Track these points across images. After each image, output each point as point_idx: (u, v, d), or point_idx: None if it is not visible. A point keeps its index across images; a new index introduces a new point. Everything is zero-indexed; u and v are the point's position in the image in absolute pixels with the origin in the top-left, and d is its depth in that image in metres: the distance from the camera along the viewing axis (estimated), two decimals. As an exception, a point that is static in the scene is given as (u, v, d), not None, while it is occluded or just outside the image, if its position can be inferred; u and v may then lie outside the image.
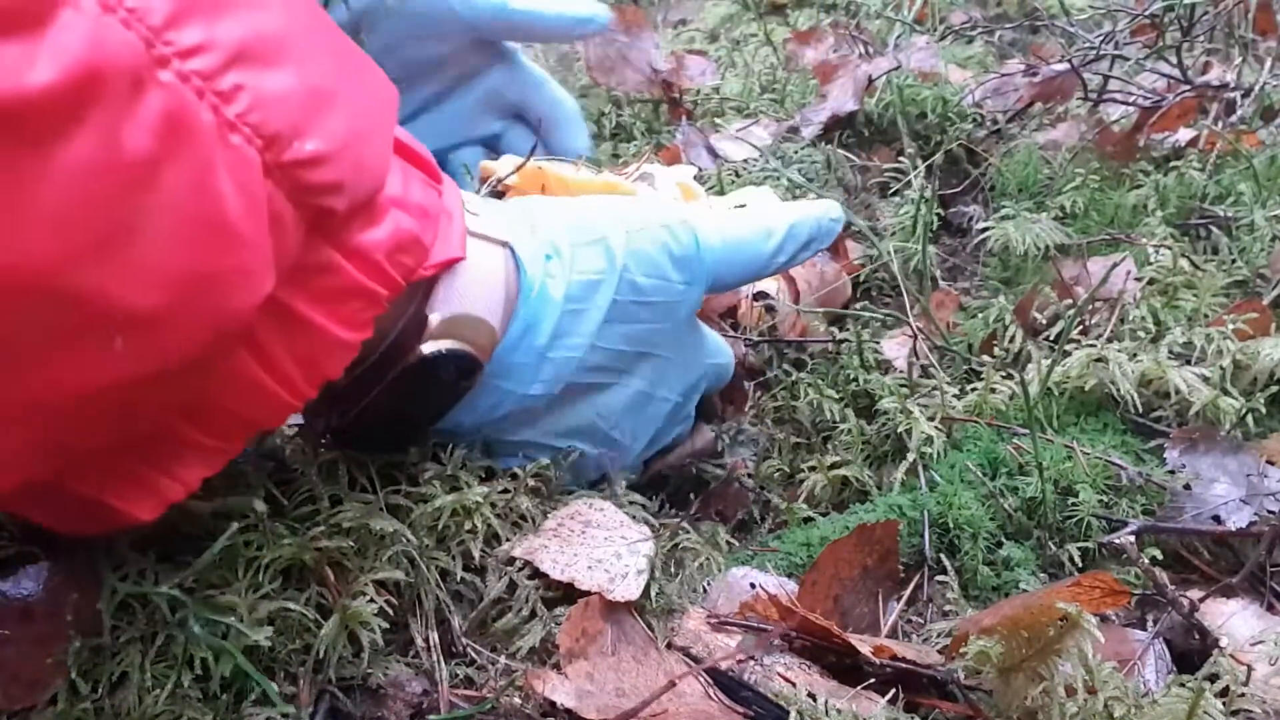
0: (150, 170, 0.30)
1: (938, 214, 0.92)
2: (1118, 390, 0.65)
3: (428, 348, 0.47)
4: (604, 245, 0.53)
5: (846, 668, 0.48)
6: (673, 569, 0.54)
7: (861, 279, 0.87)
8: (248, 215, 0.34)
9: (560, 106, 0.89)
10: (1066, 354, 0.68)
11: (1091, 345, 0.68)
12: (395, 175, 0.44)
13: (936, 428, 0.65)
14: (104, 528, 0.41)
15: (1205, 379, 0.66)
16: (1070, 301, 0.75)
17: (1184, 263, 0.78)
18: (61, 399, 0.32)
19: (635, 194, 0.74)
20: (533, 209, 0.55)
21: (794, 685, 0.46)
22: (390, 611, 0.46)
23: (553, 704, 0.43)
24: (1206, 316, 0.73)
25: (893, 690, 0.47)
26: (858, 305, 0.83)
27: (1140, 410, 0.65)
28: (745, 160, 0.95)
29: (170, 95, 0.31)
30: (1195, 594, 0.53)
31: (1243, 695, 0.46)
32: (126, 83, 0.30)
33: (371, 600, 0.45)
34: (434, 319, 0.47)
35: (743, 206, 0.76)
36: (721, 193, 0.86)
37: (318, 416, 0.50)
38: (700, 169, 0.91)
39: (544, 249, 0.52)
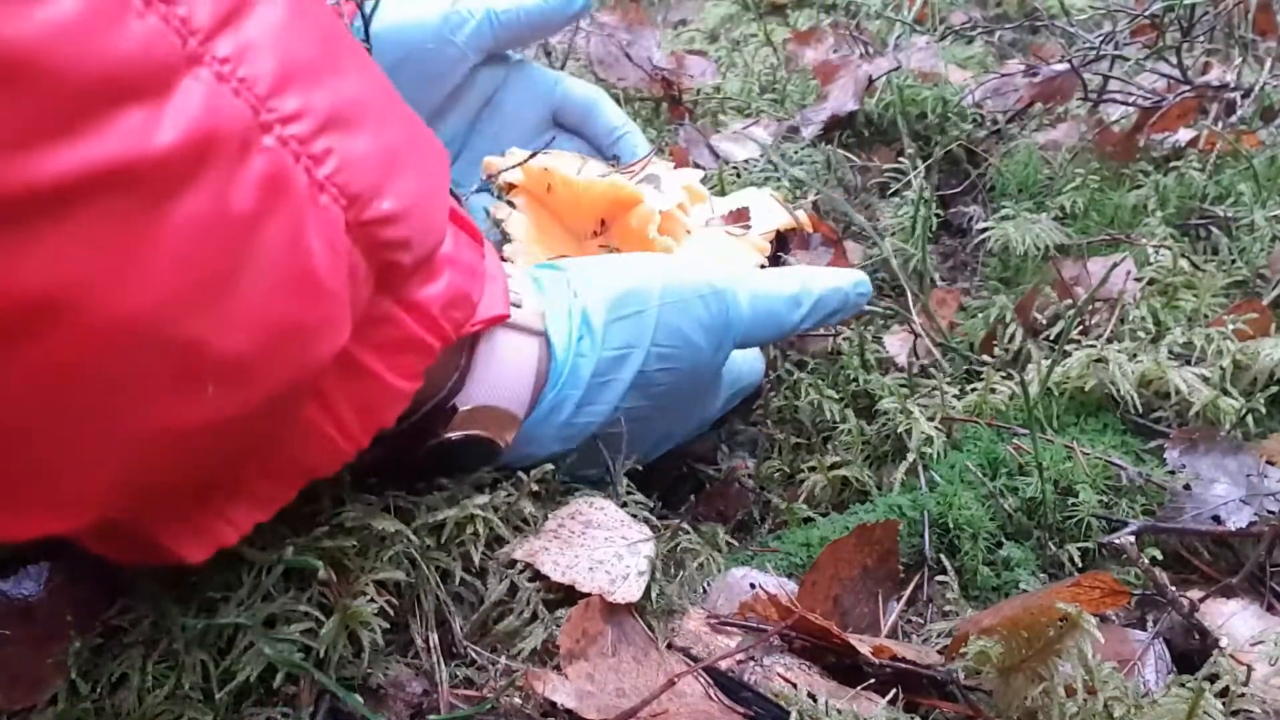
0: (252, 227, 0.33)
1: (937, 214, 0.92)
2: (1118, 390, 0.65)
3: (454, 434, 0.50)
4: (636, 321, 0.55)
5: (846, 668, 0.48)
6: (673, 569, 0.54)
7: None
8: (332, 269, 0.36)
9: (592, 103, 0.88)
10: (1067, 354, 0.68)
11: (1091, 345, 0.68)
12: (448, 234, 0.46)
13: (936, 428, 0.65)
14: (155, 562, 0.42)
15: (1205, 379, 0.66)
16: (1070, 302, 0.75)
17: (1184, 263, 0.78)
18: (152, 440, 0.34)
19: (639, 196, 0.74)
20: (575, 274, 0.57)
21: (794, 686, 0.46)
22: (390, 612, 0.46)
23: (553, 704, 0.43)
24: (1206, 317, 0.73)
25: (893, 690, 0.47)
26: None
27: (1140, 410, 0.65)
28: (746, 160, 0.95)
29: (272, 158, 0.33)
30: (1195, 594, 0.53)
31: (1243, 695, 0.46)
32: (235, 146, 0.32)
33: (372, 600, 0.45)
34: (461, 410, 0.50)
35: (744, 209, 0.76)
36: (723, 192, 0.87)
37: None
38: (705, 170, 0.91)
39: (578, 329, 0.54)
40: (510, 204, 0.76)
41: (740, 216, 0.77)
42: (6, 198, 0.27)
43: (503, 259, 0.71)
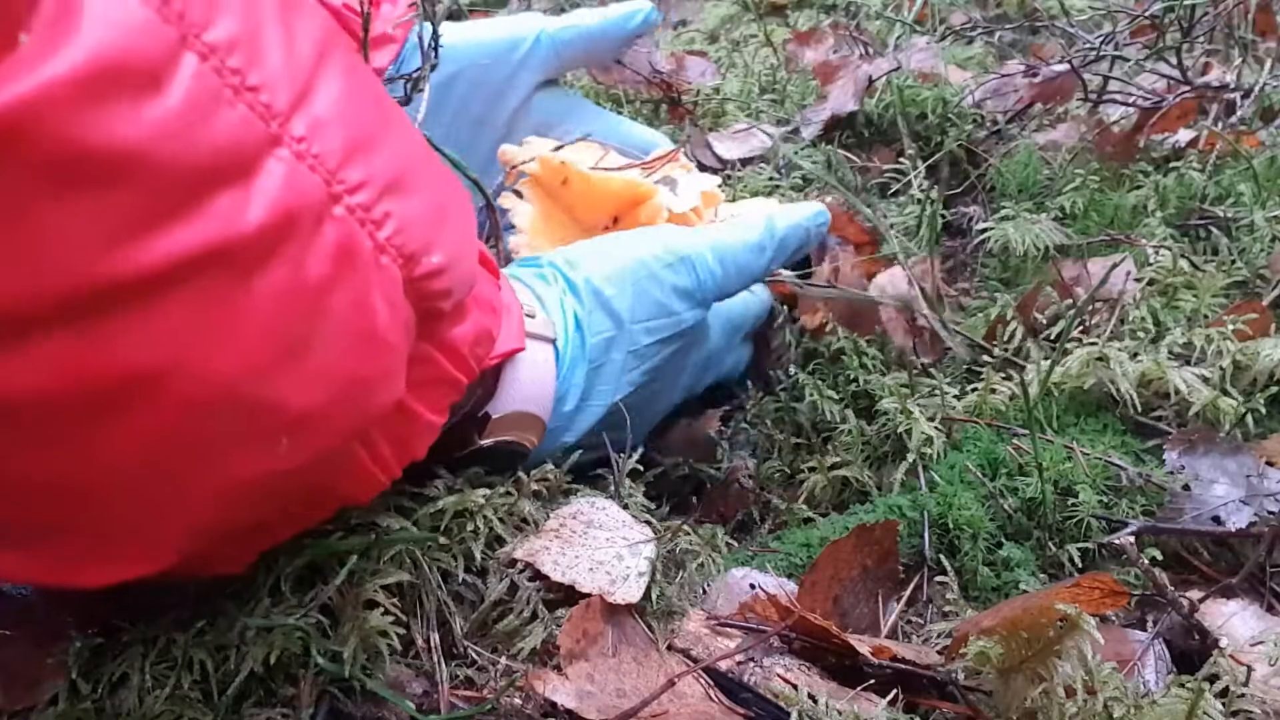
0: (325, 292, 0.35)
1: (941, 215, 0.92)
2: (1118, 391, 0.65)
3: (486, 441, 0.52)
4: (615, 302, 0.59)
5: (846, 668, 0.49)
6: (673, 570, 0.54)
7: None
8: (392, 325, 0.39)
9: (653, 148, 0.87)
10: (1067, 352, 0.68)
11: (1092, 344, 0.68)
12: None
13: (936, 428, 0.65)
14: (200, 575, 0.44)
15: (1205, 379, 0.66)
16: (1070, 301, 0.75)
17: (1184, 263, 0.78)
18: (228, 490, 0.36)
19: (654, 195, 0.74)
20: (558, 265, 0.60)
21: (794, 686, 0.46)
22: (393, 615, 0.46)
23: (553, 704, 0.43)
24: (1206, 317, 0.73)
25: (893, 691, 0.47)
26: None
27: (1140, 411, 0.65)
28: (747, 161, 0.95)
29: (342, 227, 0.35)
30: (1195, 594, 0.53)
31: (1242, 696, 0.46)
32: (312, 219, 0.34)
33: (386, 613, 0.45)
34: (495, 417, 0.52)
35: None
36: (732, 199, 0.87)
37: None
38: (724, 175, 0.90)
39: (571, 321, 0.58)
40: (518, 193, 0.76)
41: None
42: (117, 283, 0.29)
43: (509, 253, 0.71)
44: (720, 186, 0.81)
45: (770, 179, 0.95)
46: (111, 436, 0.32)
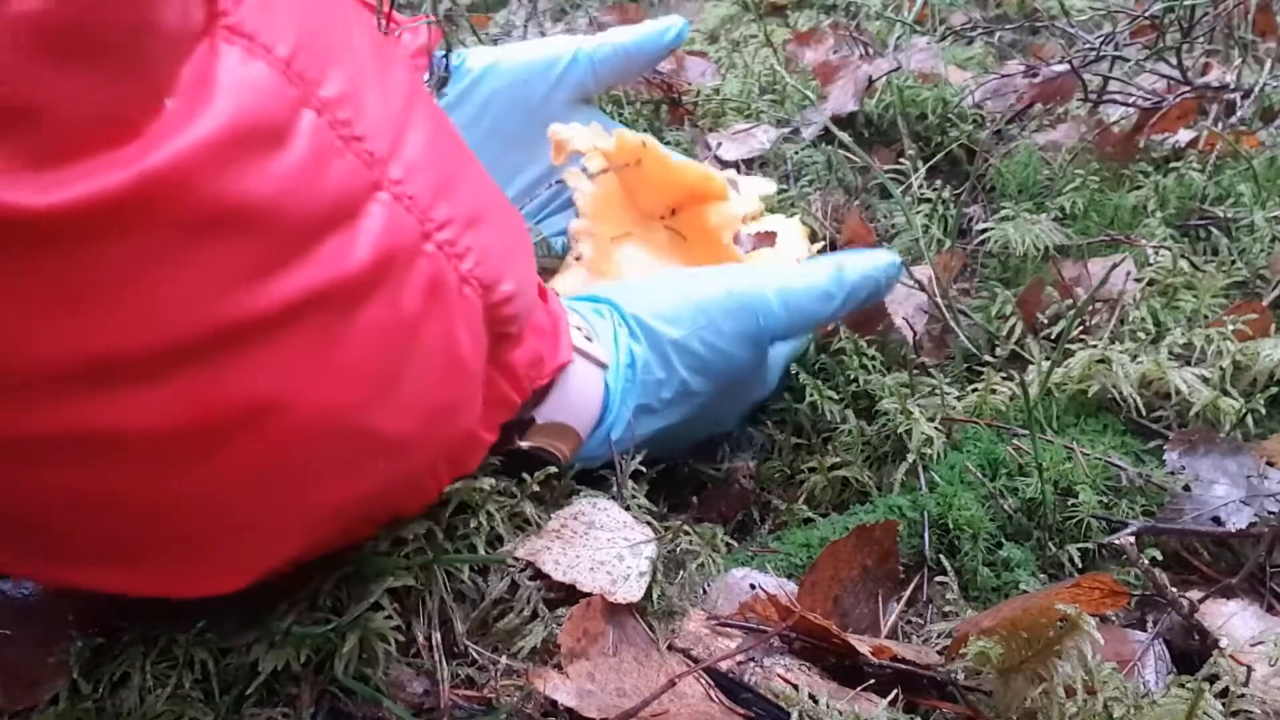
0: (417, 325, 0.37)
1: (949, 216, 0.92)
2: (1120, 393, 0.65)
3: (525, 443, 0.53)
4: (674, 347, 0.58)
5: (846, 668, 0.49)
6: (674, 570, 0.54)
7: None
8: (474, 353, 0.41)
9: None
10: (1069, 353, 0.68)
11: (1093, 347, 0.68)
12: None
13: (936, 428, 0.65)
14: None
15: (1205, 380, 0.66)
16: (1071, 301, 0.75)
17: (1184, 264, 0.78)
18: (324, 512, 0.39)
19: (726, 189, 0.73)
20: (617, 300, 0.60)
21: (795, 686, 0.46)
22: (396, 615, 0.46)
23: (554, 703, 0.43)
24: (1206, 317, 0.73)
25: (893, 691, 0.47)
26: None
27: (1140, 411, 0.65)
28: (748, 161, 0.95)
29: (432, 263, 0.38)
30: (1195, 595, 0.53)
31: (1242, 696, 0.46)
32: (407, 256, 0.36)
33: (389, 616, 0.45)
34: (538, 421, 0.53)
35: (772, 232, 0.76)
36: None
37: None
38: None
39: (625, 357, 0.58)
40: (585, 170, 0.75)
41: (768, 239, 0.77)
42: (240, 324, 0.31)
43: (573, 236, 0.71)
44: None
45: (781, 188, 0.94)
46: (225, 465, 0.34)
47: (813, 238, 0.81)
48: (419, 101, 0.39)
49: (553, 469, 0.53)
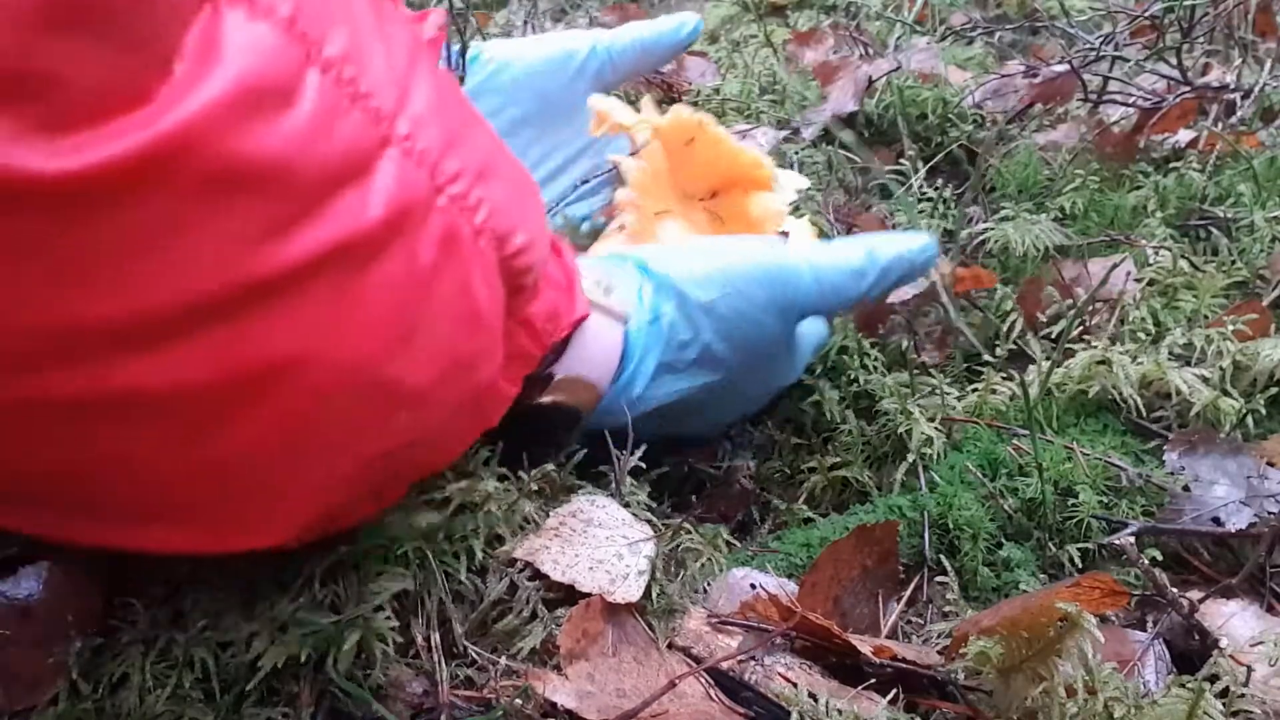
0: (433, 278, 0.38)
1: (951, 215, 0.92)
2: (1120, 394, 0.65)
3: (545, 398, 0.53)
4: (703, 309, 0.58)
5: (847, 668, 0.49)
6: (674, 569, 0.54)
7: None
8: (490, 305, 0.42)
9: None
10: (1070, 353, 0.68)
11: (1094, 348, 0.68)
12: None
13: (936, 428, 0.65)
14: None
15: (1205, 380, 0.66)
16: (1071, 302, 0.75)
17: (1184, 264, 0.78)
18: (351, 470, 0.39)
19: (772, 179, 0.73)
20: (646, 260, 0.59)
21: (795, 686, 0.46)
22: (393, 618, 0.46)
23: (554, 705, 0.43)
24: (1206, 317, 0.73)
25: (893, 691, 0.47)
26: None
27: (1140, 412, 0.65)
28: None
29: (445, 216, 0.38)
30: (1195, 595, 0.53)
31: (1242, 696, 0.46)
32: (421, 210, 0.37)
33: (389, 616, 0.45)
34: (557, 376, 0.53)
35: (786, 231, 0.76)
36: None
37: None
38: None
39: (649, 312, 0.57)
40: (633, 141, 0.74)
41: (780, 238, 0.77)
42: (261, 280, 0.32)
43: (619, 206, 0.71)
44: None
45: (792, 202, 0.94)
46: (250, 423, 0.34)
47: (822, 237, 0.81)
48: (421, 59, 0.40)
49: (550, 467, 0.53)
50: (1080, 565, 0.58)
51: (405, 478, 0.45)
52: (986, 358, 0.74)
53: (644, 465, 0.57)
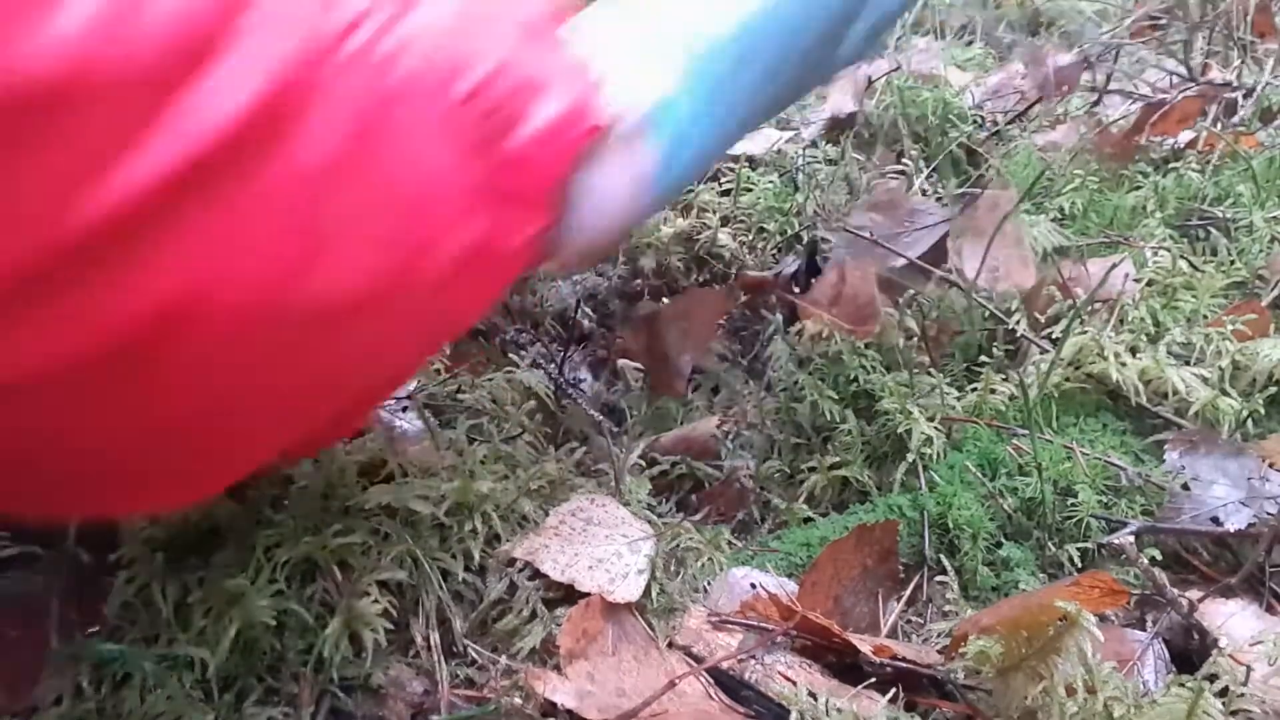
0: (339, 167, 0.31)
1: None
2: (1115, 379, 0.65)
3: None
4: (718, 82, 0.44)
5: (846, 667, 0.49)
6: (674, 568, 0.54)
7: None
8: (439, 169, 0.34)
9: None
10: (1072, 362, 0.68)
11: (1092, 340, 0.68)
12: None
13: (936, 428, 0.65)
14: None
15: (1204, 380, 0.66)
16: (1070, 302, 0.75)
17: (1183, 264, 0.78)
18: (298, 400, 0.35)
19: None
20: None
21: (795, 685, 0.46)
22: (392, 612, 0.46)
23: (554, 704, 0.43)
24: (1205, 317, 0.73)
25: (893, 690, 0.47)
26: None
27: (1138, 390, 0.65)
28: (750, 159, 0.96)
29: (348, 82, 0.31)
30: (1194, 594, 0.53)
31: (1242, 695, 0.46)
32: (303, 89, 0.30)
33: (375, 601, 0.45)
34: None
35: None
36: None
37: None
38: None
39: (678, 78, 0.43)
40: None
41: None
42: (104, 221, 0.26)
43: None
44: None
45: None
46: (162, 384, 0.30)
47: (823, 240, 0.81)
48: None
49: (550, 466, 0.53)
50: (1080, 565, 0.58)
51: (376, 392, 0.41)
52: (985, 358, 0.74)
53: (644, 463, 0.57)
